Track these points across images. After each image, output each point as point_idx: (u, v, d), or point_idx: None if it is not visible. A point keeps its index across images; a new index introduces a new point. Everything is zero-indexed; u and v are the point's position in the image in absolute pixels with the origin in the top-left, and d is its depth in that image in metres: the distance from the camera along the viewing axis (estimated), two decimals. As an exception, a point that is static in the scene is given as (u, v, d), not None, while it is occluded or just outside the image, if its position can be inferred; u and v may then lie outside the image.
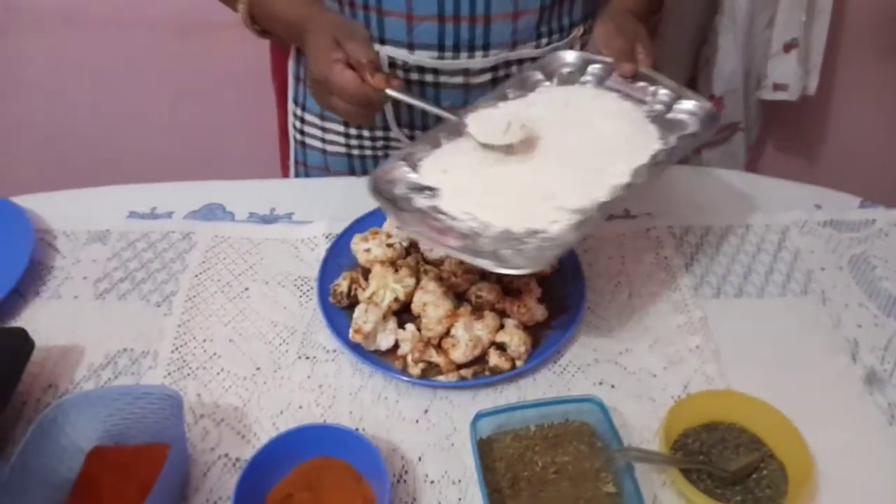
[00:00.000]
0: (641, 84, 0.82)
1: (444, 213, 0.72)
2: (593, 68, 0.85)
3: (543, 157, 0.76)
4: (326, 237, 0.89)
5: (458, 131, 0.79)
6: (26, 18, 1.30)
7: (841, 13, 1.30)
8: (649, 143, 0.76)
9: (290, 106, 1.05)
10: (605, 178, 0.73)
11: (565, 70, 0.86)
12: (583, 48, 0.99)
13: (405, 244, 0.84)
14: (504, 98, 0.83)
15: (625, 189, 0.71)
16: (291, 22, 0.84)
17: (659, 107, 0.80)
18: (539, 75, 0.86)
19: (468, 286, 0.79)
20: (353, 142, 1.01)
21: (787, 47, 1.28)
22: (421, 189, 0.74)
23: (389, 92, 0.77)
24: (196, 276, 0.84)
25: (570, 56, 0.86)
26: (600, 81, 0.84)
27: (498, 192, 0.73)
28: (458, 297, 0.79)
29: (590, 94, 0.83)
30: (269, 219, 0.93)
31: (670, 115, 0.79)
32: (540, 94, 0.84)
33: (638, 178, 0.72)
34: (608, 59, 0.83)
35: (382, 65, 0.90)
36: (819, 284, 0.83)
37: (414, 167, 0.76)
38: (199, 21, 1.32)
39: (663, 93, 0.81)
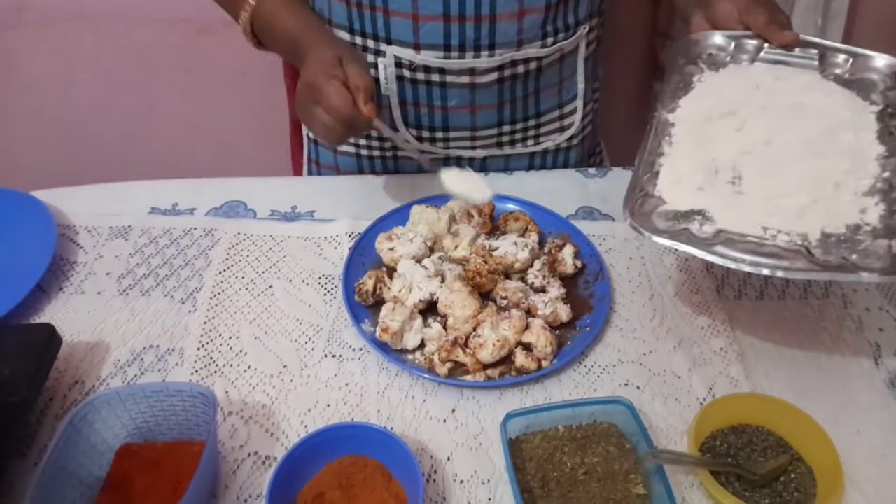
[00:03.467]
0: (798, 51, 0.80)
1: (741, 235, 0.64)
2: (741, 45, 0.82)
3: (786, 148, 0.71)
4: (349, 235, 0.89)
5: (666, 135, 0.74)
6: (41, 14, 1.30)
7: (856, 16, 1.30)
8: (863, 107, 0.74)
9: None
10: (862, 152, 0.70)
11: (708, 52, 0.83)
12: (588, 46, 0.98)
13: (429, 243, 0.84)
14: (677, 96, 0.78)
15: (892, 159, 0.69)
16: (292, 33, 0.83)
17: (836, 70, 0.78)
18: (688, 64, 0.82)
19: (493, 286, 0.80)
20: (363, 142, 1.01)
21: (803, 50, 1.28)
22: (686, 216, 0.66)
23: (376, 123, 0.77)
24: (220, 272, 0.84)
25: (716, 36, 0.83)
26: (754, 57, 0.81)
27: (774, 196, 0.67)
28: (484, 296, 0.79)
29: (765, 71, 0.79)
30: (291, 216, 0.93)
31: (850, 77, 0.78)
32: (706, 82, 0.80)
33: (893, 144, 0.70)
34: (748, 34, 0.81)
35: (389, 65, 0.90)
36: (840, 288, 0.84)
37: (654, 195, 0.69)
38: (212, 18, 1.32)
39: (837, 56, 0.79)
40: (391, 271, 0.82)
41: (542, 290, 0.80)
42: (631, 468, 0.65)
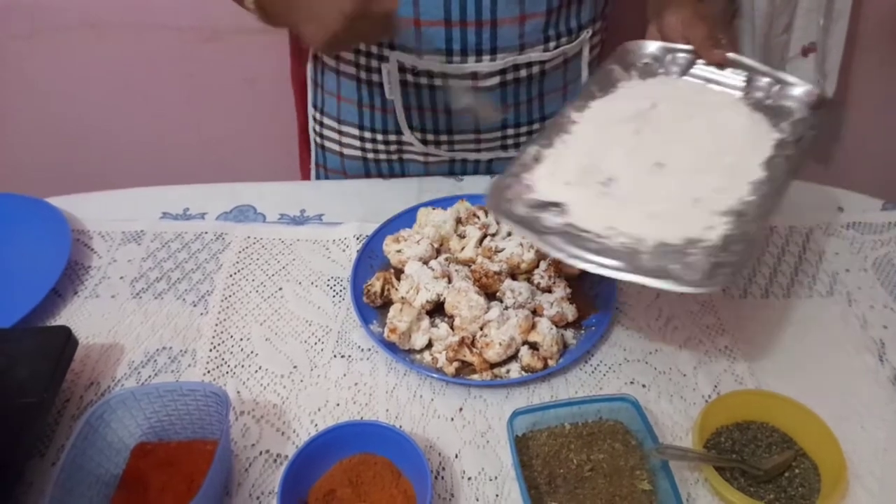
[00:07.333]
0: (730, 71, 0.81)
1: (583, 231, 0.67)
2: (675, 58, 0.83)
3: (670, 160, 0.73)
4: (357, 238, 0.90)
5: (563, 131, 0.76)
6: (51, 24, 1.32)
7: (859, 16, 1.30)
8: (766, 133, 0.75)
9: (310, 110, 1.07)
10: (741, 175, 0.71)
11: (643, 62, 0.84)
12: (592, 50, 0.99)
13: (436, 245, 0.86)
14: (593, 97, 0.81)
15: (765, 185, 0.69)
16: None
17: (758, 94, 0.79)
18: (617, 69, 0.83)
19: (499, 286, 0.81)
20: (368, 145, 1.02)
21: (805, 51, 1.28)
22: (545, 206, 0.70)
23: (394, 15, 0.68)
24: (230, 276, 0.86)
25: (651, 46, 0.85)
26: (684, 71, 0.82)
27: (636, 202, 0.69)
28: (490, 296, 0.80)
29: (688, 86, 0.81)
30: (300, 220, 0.94)
31: (771, 102, 0.78)
32: (629, 88, 0.82)
33: (775, 172, 0.71)
34: (687, 48, 0.82)
35: (392, 70, 0.91)
36: (844, 286, 0.84)
37: (525, 183, 0.72)
38: (219, 26, 1.34)
39: (762, 80, 0.80)
40: (399, 273, 0.83)
41: (548, 290, 0.81)
42: (636, 464, 0.65)
